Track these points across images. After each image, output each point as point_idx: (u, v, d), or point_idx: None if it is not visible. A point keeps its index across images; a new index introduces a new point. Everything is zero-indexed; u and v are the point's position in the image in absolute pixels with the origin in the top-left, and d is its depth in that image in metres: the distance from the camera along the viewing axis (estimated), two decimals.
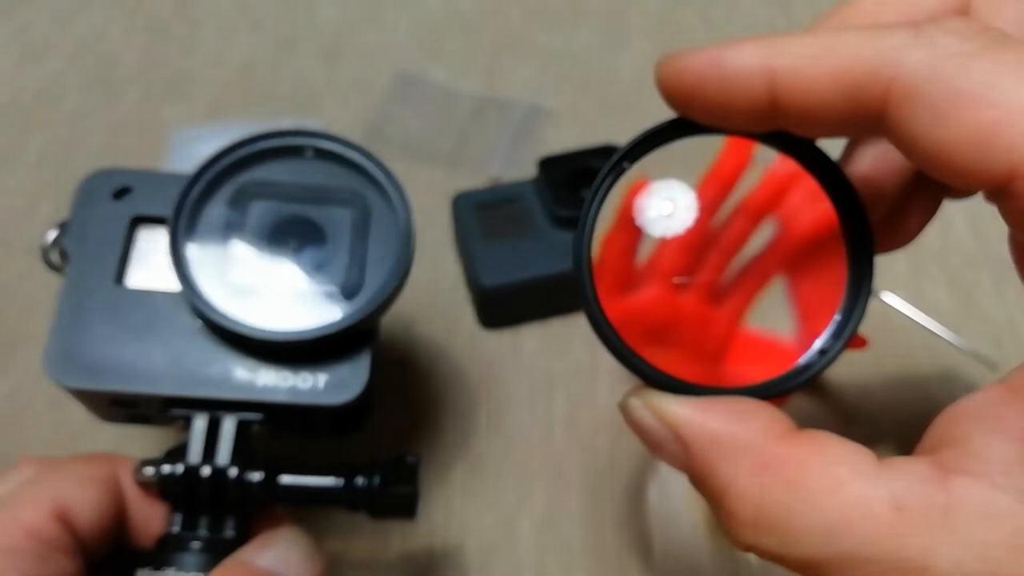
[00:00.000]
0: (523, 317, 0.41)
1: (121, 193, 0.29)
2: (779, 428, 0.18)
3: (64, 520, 0.24)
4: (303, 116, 0.52)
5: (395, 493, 0.27)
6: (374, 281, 0.29)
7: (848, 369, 0.40)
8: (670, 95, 0.22)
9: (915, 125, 0.17)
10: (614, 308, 0.23)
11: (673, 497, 0.36)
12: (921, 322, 0.38)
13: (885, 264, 0.44)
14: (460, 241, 0.42)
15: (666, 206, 0.24)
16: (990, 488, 0.15)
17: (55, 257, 0.29)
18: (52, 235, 0.29)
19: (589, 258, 0.23)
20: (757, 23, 0.58)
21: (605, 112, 0.52)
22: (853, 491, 0.16)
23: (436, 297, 0.42)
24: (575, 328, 0.41)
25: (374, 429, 0.32)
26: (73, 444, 0.37)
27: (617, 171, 0.25)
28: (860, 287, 0.23)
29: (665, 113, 0.23)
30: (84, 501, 0.25)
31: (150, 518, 0.27)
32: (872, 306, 0.42)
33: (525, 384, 0.40)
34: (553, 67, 0.55)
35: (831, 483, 0.16)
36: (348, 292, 0.28)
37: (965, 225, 0.46)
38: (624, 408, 0.22)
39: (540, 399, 0.39)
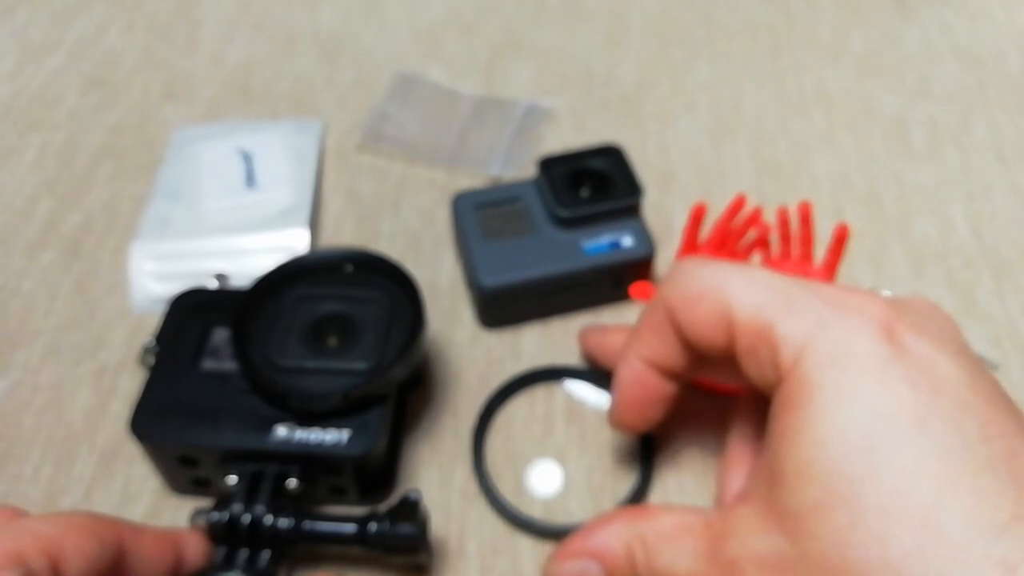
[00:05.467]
0: (523, 317, 0.41)
1: (201, 304, 0.37)
2: (636, 511, 0.29)
3: (53, 559, 0.25)
4: (302, 116, 0.52)
5: (401, 535, 0.31)
6: (391, 356, 0.34)
7: None
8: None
9: (689, 322, 0.29)
10: None
11: None
12: None
13: (886, 264, 0.44)
14: (460, 241, 0.42)
15: (543, 477, 0.37)
16: (749, 510, 0.26)
17: (149, 359, 0.35)
18: (151, 345, 0.36)
19: (482, 461, 0.36)
20: (756, 23, 0.58)
21: (605, 111, 0.52)
22: (682, 523, 0.28)
23: (436, 297, 0.42)
24: (575, 328, 0.41)
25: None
26: (70, 443, 0.37)
27: (490, 413, 0.38)
28: (647, 474, 0.36)
29: (662, 114, 0.23)
30: (79, 550, 0.26)
31: None
32: None
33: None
34: (553, 67, 0.55)
35: (669, 526, 0.28)
36: (372, 366, 0.34)
37: (965, 226, 0.46)
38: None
39: (540, 398, 0.39)
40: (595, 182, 0.41)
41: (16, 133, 0.51)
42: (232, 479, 0.32)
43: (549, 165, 0.42)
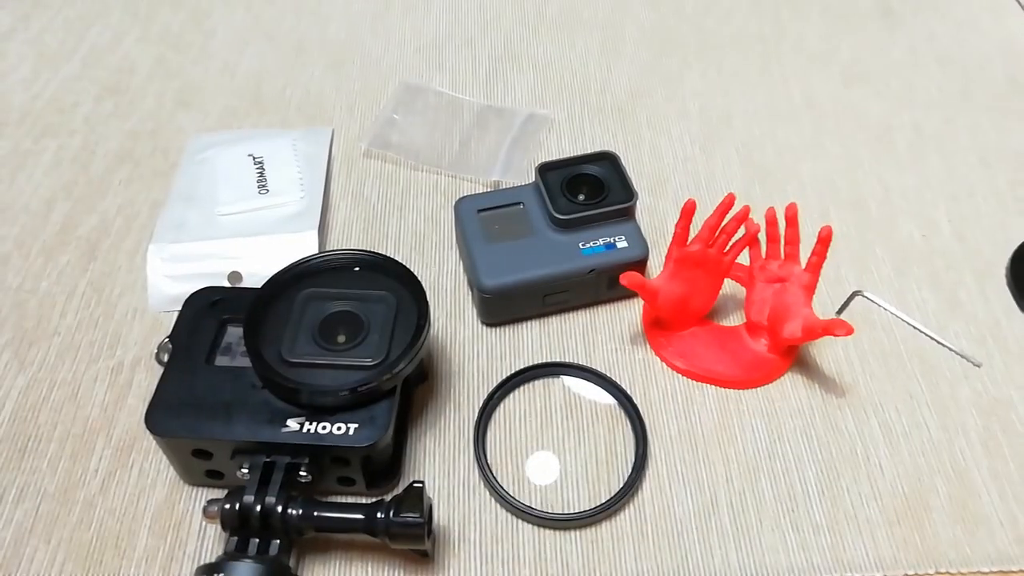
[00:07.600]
0: (523, 315, 0.43)
1: (215, 303, 0.38)
2: None
3: None
4: (312, 124, 0.53)
5: (406, 523, 0.32)
6: (396, 352, 0.36)
7: (836, 365, 0.41)
8: None
9: None
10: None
11: None
12: (906, 321, 0.39)
13: (871, 265, 0.45)
14: (462, 243, 0.43)
15: (541, 467, 0.38)
16: None
17: (163, 356, 0.36)
18: (165, 343, 0.37)
19: (483, 452, 0.38)
20: (747, 33, 0.60)
21: (601, 119, 0.54)
22: None
23: (439, 296, 0.44)
24: (573, 326, 0.43)
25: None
26: (87, 437, 0.38)
27: (491, 407, 0.39)
28: (642, 465, 0.37)
29: (655, 122, 0.24)
30: None
31: None
32: (858, 304, 0.43)
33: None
34: (551, 77, 0.56)
35: None
36: (379, 362, 0.35)
37: (949, 228, 0.47)
38: None
39: (539, 392, 0.40)
40: (591, 187, 0.43)
41: (32, 138, 0.52)
42: (244, 471, 0.33)
43: (547, 171, 0.43)
